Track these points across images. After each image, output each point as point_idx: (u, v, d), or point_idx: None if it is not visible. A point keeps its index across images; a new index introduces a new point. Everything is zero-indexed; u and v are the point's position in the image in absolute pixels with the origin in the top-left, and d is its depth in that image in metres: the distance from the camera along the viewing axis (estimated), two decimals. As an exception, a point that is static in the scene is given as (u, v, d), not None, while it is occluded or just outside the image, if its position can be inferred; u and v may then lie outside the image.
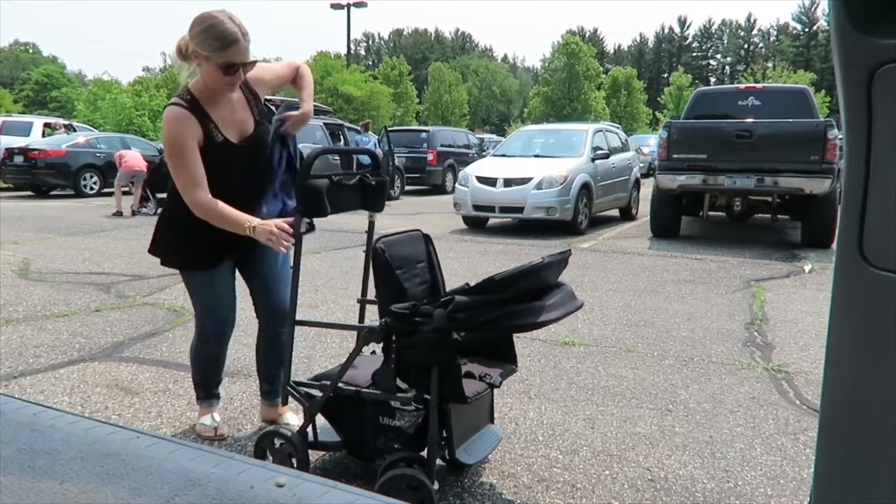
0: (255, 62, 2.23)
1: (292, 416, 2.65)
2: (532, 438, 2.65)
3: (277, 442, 2.25)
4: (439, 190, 16.09)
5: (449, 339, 1.90)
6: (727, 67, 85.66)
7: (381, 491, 2.02)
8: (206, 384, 2.64)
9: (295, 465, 2.18)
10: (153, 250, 2.51)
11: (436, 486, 1.99)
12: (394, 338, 2.02)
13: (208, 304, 2.48)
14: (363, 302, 2.56)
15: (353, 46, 65.94)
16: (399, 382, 2.07)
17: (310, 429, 2.23)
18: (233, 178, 2.28)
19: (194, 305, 2.53)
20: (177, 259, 2.45)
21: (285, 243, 2.11)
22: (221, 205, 2.17)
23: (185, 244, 2.39)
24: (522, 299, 1.89)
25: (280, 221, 2.12)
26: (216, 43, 2.09)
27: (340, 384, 2.14)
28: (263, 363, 2.66)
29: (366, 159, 12.69)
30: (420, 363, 1.98)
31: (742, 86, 9.82)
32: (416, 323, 1.93)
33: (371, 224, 2.49)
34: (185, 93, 2.23)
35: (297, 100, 2.49)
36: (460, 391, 1.98)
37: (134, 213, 10.96)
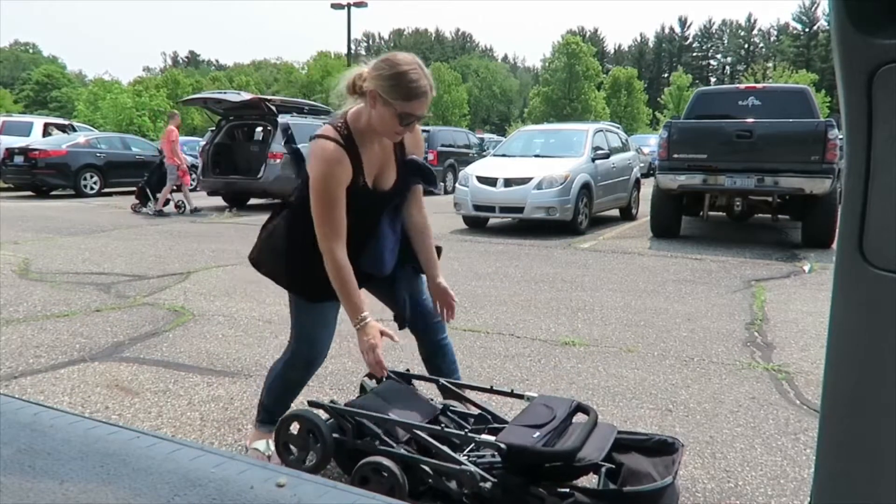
0: (426, 117, 2.12)
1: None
2: (532, 438, 2.65)
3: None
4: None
5: None
6: (727, 67, 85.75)
7: (356, 475, 2.05)
8: (275, 409, 2.41)
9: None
10: (259, 262, 2.35)
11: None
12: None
13: (310, 334, 2.33)
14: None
15: (353, 46, 65.90)
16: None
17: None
18: (357, 218, 2.13)
19: (293, 328, 2.38)
20: (289, 279, 2.30)
21: (377, 370, 2.08)
22: (350, 272, 2.06)
23: (309, 270, 2.22)
24: None
25: (379, 343, 2.06)
26: (404, 91, 1.95)
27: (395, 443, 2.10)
28: (438, 370, 2.51)
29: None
30: None
31: (742, 86, 9.81)
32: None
33: None
34: (342, 126, 2.06)
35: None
36: None
37: (135, 212, 10.97)
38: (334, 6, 30.40)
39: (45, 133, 16.32)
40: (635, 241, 8.37)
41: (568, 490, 1.90)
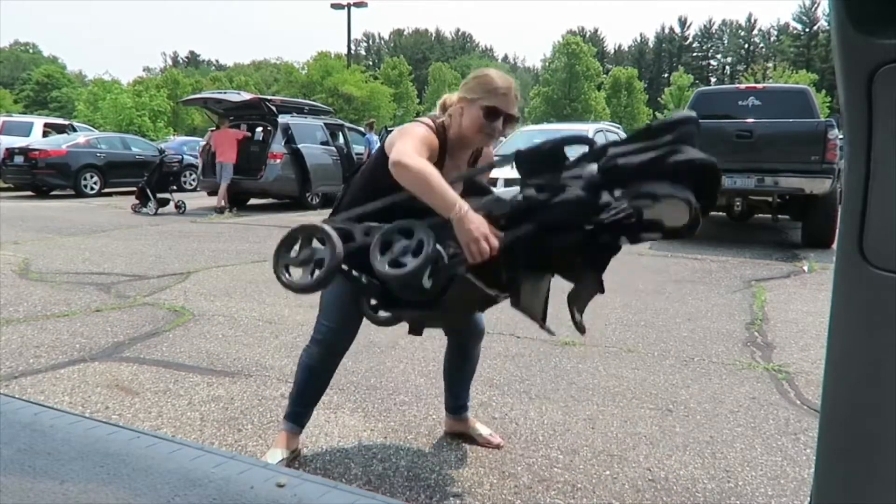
0: (516, 119, 2.09)
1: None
2: (532, 438, 2.65)
3: None
4: (439, 190, 16.08)
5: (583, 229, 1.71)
6: (727, 67, 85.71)
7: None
8: (298, 405, 2.36)
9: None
10: None
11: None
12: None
13: (337, 318, 2.28)
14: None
15: (353, 46, 65.97)
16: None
17: None
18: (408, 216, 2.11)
19: (319, 316, 2.31)
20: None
21: (479, 256, 1.77)
22: (433, 169, 1.83)
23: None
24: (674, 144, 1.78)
25: (488, 230, 1.80)
26: (486, 86, 2.03)
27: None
28: (453, 380, 2.58)
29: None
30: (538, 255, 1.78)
31: (742, 86, 9.81)
32: (554, 189, 1.70)
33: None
34: (440, 125, 2.09)
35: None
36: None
37: (135, 212, 10.95)
38: (334, 6, 30.42)
39: (46, 133, 16.33)
40: (635, 241, 8.35)
41: None
